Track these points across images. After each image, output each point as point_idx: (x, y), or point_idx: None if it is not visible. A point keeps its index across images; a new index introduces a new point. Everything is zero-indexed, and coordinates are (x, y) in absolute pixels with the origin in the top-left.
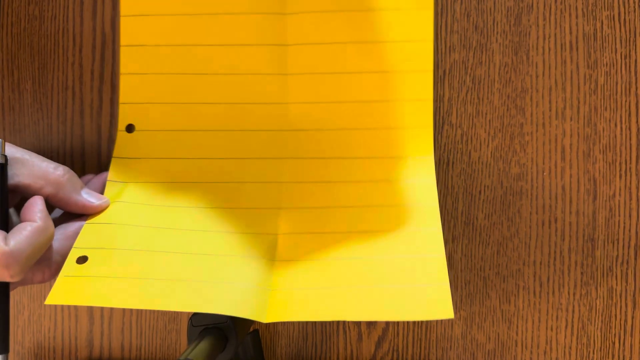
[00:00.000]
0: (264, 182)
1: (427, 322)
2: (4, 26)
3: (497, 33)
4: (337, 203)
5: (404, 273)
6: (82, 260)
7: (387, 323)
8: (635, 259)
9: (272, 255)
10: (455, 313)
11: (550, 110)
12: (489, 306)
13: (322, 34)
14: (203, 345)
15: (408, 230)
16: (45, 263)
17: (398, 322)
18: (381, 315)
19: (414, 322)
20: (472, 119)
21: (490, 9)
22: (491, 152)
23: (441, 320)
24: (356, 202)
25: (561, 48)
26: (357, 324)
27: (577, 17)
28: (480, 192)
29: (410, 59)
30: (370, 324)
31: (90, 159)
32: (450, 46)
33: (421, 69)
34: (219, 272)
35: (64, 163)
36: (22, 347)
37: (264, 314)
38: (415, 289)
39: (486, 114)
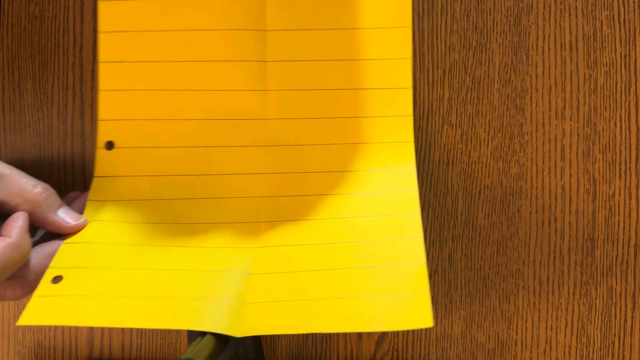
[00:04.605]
0: (243, 197)
1: None
2: (5, 26)
3: (497, 33)
4: (317, 216)
5: (382, 283)
6: (57, 279)
7: None
8: (635, 258)
9: (248, 269)
10: (455, 313)
11: (550, 110)
12: (489, 306)
13: (302, 51)
14: (203, 345)
15: (389, 240)
16: (19, 280)
17: None
18: (357, 326)
19: None
20: (472, 119)
21: (490, 9)
22: (491, 152)
23: (441, 320)
24: (335, 214)
25: (561, 48)
26: None
27: (576, 17)
28: (480, 192)
29: (389, 77)
30: None
31: (91, 159)
32: (450, 46)
33: (401, 86)
34: (193, 288)
35: (64, 163)
36: (23, 346)
37: (237, 327)
38: (393, 298)
39: (486, 114)
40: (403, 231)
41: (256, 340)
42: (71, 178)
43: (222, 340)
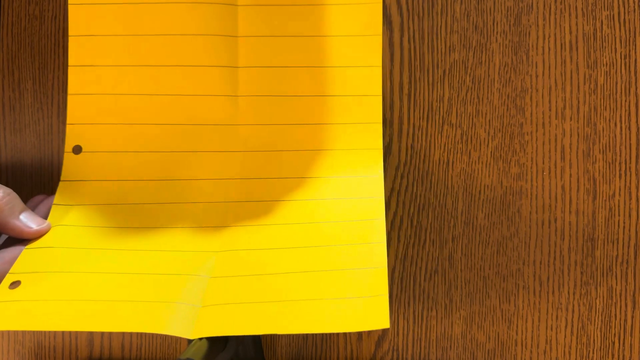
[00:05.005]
0: (211, 202)
1: (427, 321)
2: (5, 26)
3: (497, 33)
4: (283, 221)
5: (342, 286)
6: (14, 285)
7: None
8: (635, 258)
9: (209, 272)
10: (455, 313)
11: (550, 110)
12: (489, 306)
13: (273, 57)
14: (203, 345)
15: (351, 244)
16: None
17: (398, 322)
18: (311, 327)
19: (414, 321)
20: (472, 119)
21: (490, 9)
22: (491, 152)
23: (441, 320)
24: (302, 219)
25: (561, 48)
26: None
27: (577, 17)
28: (480, 192)
29: (359, 84)
30: None
31: None
32: (450, 46)
33: (371, 93)
34: (155, 291)
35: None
36: (23, 346)
37: (190, 329)
38: (351, 300)
39: (486, 113)
40: (367, 236)
41: (256, 340)
42: None
43: (221, 339)
